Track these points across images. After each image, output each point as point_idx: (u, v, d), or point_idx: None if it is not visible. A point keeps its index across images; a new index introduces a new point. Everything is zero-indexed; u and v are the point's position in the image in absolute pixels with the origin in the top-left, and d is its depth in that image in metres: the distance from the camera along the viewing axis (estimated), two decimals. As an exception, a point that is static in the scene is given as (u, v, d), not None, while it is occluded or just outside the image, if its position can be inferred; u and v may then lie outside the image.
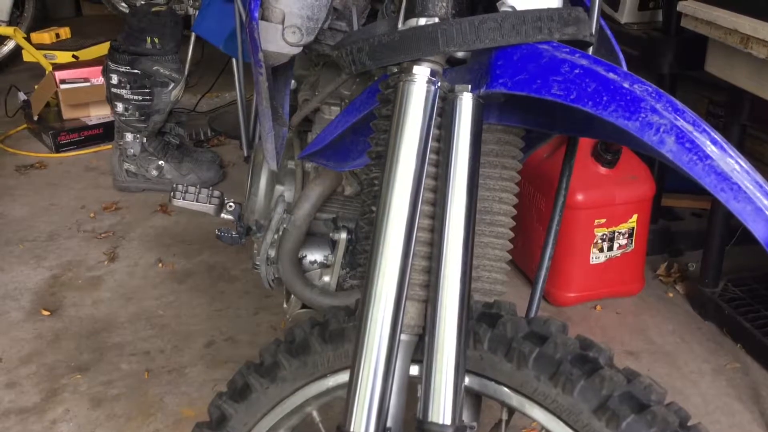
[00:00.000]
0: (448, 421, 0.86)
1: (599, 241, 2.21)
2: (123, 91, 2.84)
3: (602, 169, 2.18)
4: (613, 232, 2.21)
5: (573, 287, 2.25)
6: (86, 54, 3.84)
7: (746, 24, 1.72)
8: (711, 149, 0.76)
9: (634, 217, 2.21)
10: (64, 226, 2.74)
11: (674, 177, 2.33)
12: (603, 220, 2.19)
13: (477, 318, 0.93)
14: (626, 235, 2.23)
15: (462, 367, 0.88)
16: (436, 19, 0.88)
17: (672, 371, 2.02)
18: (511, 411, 0.93)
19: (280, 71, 1.23)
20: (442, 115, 0.90)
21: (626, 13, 2.37)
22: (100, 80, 3.19)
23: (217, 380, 1.95)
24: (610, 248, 2.22)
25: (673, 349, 2.11)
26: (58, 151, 3.33)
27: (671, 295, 2.35)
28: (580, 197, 2.14)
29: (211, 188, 1.76)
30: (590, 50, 0.91)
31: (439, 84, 0.88)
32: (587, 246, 2.20)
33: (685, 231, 2.55)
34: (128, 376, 1.97)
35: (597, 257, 2.22)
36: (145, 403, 1.88)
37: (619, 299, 2.31)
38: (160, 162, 2.98)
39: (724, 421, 1.85)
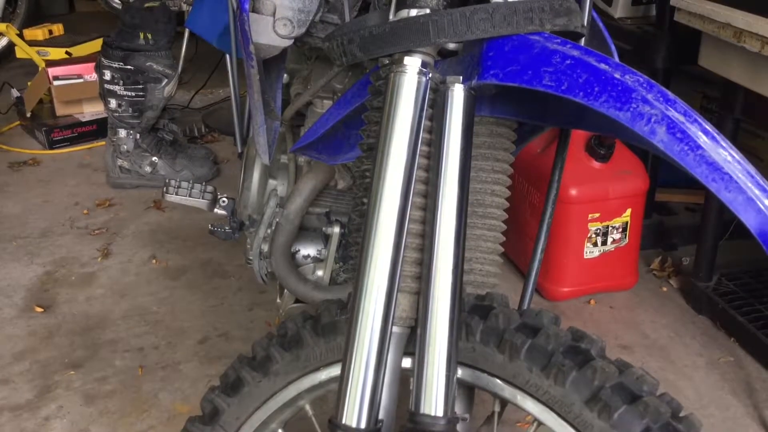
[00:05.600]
0: (440, 413, 0.86)
1: (593, 235, 2.21)
2: (116, 87, 2.83)
3: (596, 164, 2.18)
4: (607, 227, 2.21)
5: (567, 282, 2.26)
6: (79, 50, 3.83)
7: (740, 18, 1.72)
8: (702, 139, 0.76)
9: (628, 211, 2.22)
10: (57, 222, 2.73)
11: (668, 171, 2.34)
12: (597, 215, 2.19)
13: (469, 310, 0.93)
14: (620, 230, 2.23)
15: (454, 359, 0.88)
16: (428, 10, 0.87)
17: (666, 365, 2.02)
18: (504, 403, 0.93)
19: (272, 65, 1.23)
20: (433, 106, 0.90)
21: (620, 8, 2.37)
22: (93, 76, 3.18)
23: (211, 376, 1.94)
24: (604, 243, 2.23)
25: (666, 343, 2.11)
26: (51, 148, 3.32)
27: (665, 289, 2.36)
28: (573, 192, 2.14)
29: (204, 183, 1.75)
30: (582, 42, 0.91)
31: (430, 75, 0.88)
32: (581, 240, 2.21)
33: (679, 225, 2.56)
34: (122, 373, 1.97)
35: (591, 252, 2.22)
36: (138, 399, 1.88)
37: (612, 294, 2.31)
38: (154, 158, 2.97)
39: (718, 414, 1.85)
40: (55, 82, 3.37)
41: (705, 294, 2.20)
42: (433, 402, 0.86)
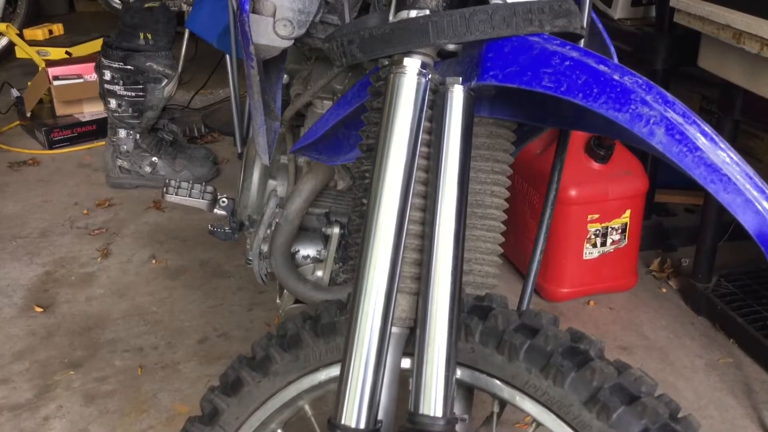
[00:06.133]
0: (439, 414, 0.86)
1: (592, 236, 2.21)
2: (116, 88, 2.84)
3: (595, 165, 2.18)
4: (606, 228, 2.21)
5: (566, 283, 2.26)
6: (79, 50, 3.84)
7: (739, 19, 1.72)
8: (701, 141, 0.76)
9: (627, 212, 2.22)
10: (57, 222, 2.73)
11: (667, 172, 2.34)
12: (596, 216, 2.19)
13: (468, 311, 0.93)
14: (619, 231, 2.23)
15: (453, 360, 0.88)
16: (427, 12, 0.87)
17: (665, 366, 2.02)
18: (503, 403, 0.93)
19: (272, 65, 1.23)
20: (433, 107, 0.90)
21: (619, 9, 2.37)
22: (93, 76, 3.18)
23: (210, 376, 1.94)
24: (603, 244, 2.23)
25: (666, 344, 2.11)
26: (51, 148, 3.32)
27: (664, 290, 2.36)
28: (573, 193, 2.14)
29: (204, 184, 1.76)
30: (581, 43, 0.91)
31: (429, 76, 0.88)
32: (580, 241, 2.21)
33: (678, 226, 2.56)
34: (121, 373, 1.97)
35: (590, 253, 2.23)
36: (138, 399, 1.88)
37: (612, 295, 2.31)
38: (154, 158, 2.97)
39: (717, 415, 1.86)
40: (55, 82, 3.37)
41: (704, 295, 2.20)
42: (432, 402, 0.86)
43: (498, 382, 0.91)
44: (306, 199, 1.44)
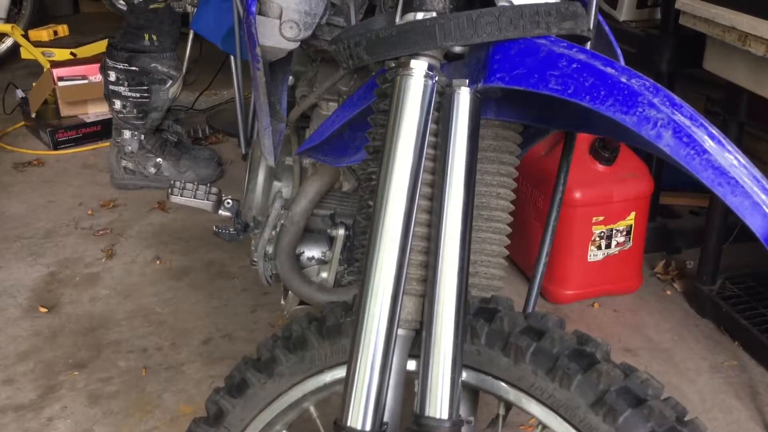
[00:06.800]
0: (445, 416, 0.86)
1: (597, 238, 2.21)
2: (121, 89, 2.84)
3: (600, 167, 2.18)
4: (611, 230, 2.21)
5: (571, 285, 2.26)
6: (84, 51, 3.84)
7: (744, 21, 1.72)
8: (709, 144, 0.76)
9: (632, 214, 2.22)
10: (61, 223, 2.73)
11: (672, 174, 2.34)
12: (601, 218, 2.19)
13: (474, 313, 0.93)
14: (624, 233, 2.23)
15: (459, 362, 0.88)
16: (434, 14, 0.88)
17: (669, 368, 2.02)
18: (509, 406, 0.93)
19: (277, 67, 1.23)
20: (439, 109, 0.90)
21: (624, 11, 2.37)
22: (98, 77, 3.19)
23: (214, 377, 1.95)
24: (608, 246, 2.22)
25: (670, 346, 2.11)
26: (55, 149, 3.32)
27: (669, 292, 2.36)
28: (578, 195, 2.14)
29: (209, 185, 1.76)
30: (588, 45, 0.91)
31: (436, 78, 0.88)
32: (585, 243, 2.20)
33: (683, 229, 2.56)
34: (126, 373, 1.97)
35: (595, 255, 2.22)
36: (142, 400, 1.88)
37: (616, 297, 2.31)
38: (158, 159, 2.98)
39: (722, 418, 1.85)
40: (60, 83, 3.38)
41: (709, 297, 2.20)
42: (438, 404, 0.86)
43: (504, 384, 0.91)
44: (311, 200, 1.44)
